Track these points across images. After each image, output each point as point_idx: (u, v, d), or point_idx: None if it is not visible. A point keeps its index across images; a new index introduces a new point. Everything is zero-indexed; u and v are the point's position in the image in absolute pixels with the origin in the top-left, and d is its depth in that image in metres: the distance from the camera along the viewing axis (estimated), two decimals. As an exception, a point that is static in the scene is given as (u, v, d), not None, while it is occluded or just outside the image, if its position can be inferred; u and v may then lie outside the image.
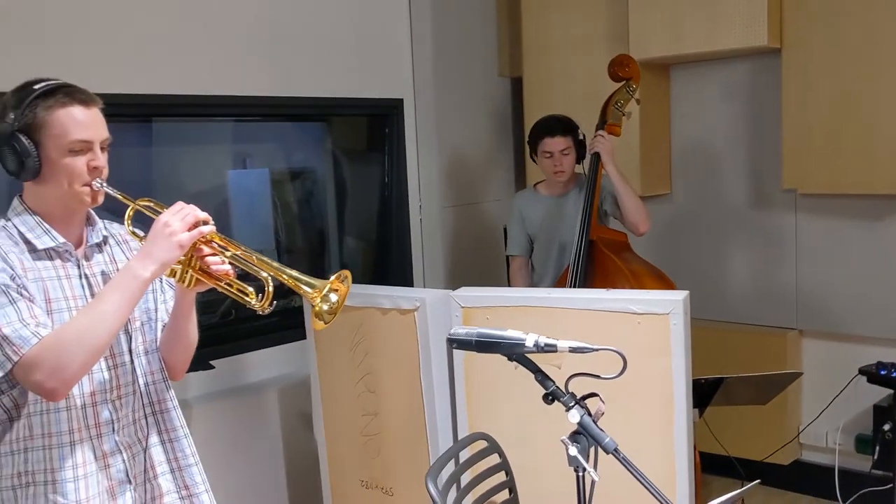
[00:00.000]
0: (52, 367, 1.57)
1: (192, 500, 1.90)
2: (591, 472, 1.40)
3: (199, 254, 1.72)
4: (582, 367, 1.54)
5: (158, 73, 3.00)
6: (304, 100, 3.56)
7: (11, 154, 1.67)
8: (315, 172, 4.09)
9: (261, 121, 3.81)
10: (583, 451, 1.41)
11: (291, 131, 4.06)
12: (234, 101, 3.30)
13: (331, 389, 2.88)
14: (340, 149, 4.09)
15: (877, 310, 3.62)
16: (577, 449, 1.40)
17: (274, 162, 3.99)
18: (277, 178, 4.00)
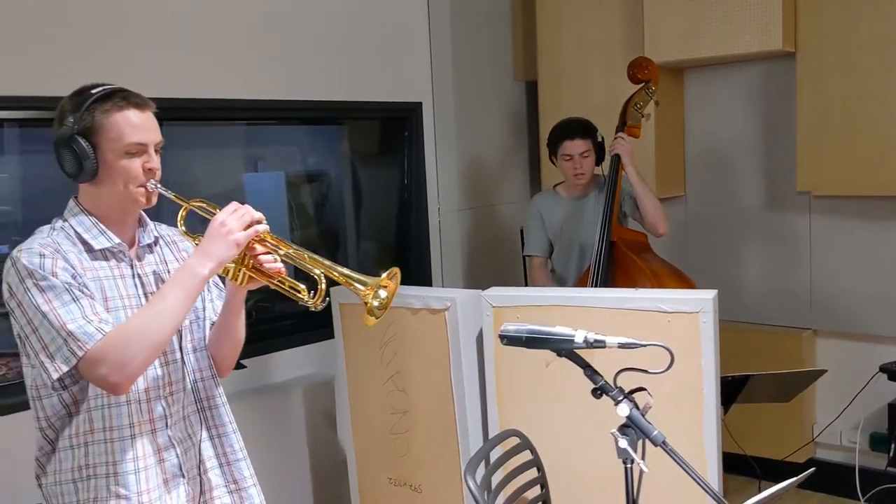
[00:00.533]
0: (116, 362, 1.61)
1: (240, 494, 1.94)
2: (641, 463, 1.45)
3: (252, 252, 1.77)
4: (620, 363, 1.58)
5: (176, 76, 3.04)
6: (326, 103, 3.61)
7: (70, 156, 1.72)
8: (331, 175, 4.14)
9: (278, 124, 3.86)
10: (631, 443, 1.46)
11: (308, 134, 4.11)
12: (255, 105, 3.35)
13: (358, 388, 2.93)
14: (357, 152, 4.14)
15: (891, 309, 3.68)
16: (626, 441, 1.44)
17: (290, 165, 4.04)
18: (293, 180, 4.06)
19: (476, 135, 4.28)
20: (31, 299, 1.64)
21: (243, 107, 3.35)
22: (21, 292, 1.65)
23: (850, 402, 3.54)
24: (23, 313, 1.66)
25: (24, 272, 1.65)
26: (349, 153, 4.14)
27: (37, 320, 1.64)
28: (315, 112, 3.70)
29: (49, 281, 1.64)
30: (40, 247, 1.68)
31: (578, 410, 2.45)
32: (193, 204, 1.82)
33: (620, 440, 1.46)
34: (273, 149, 4.05)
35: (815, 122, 3.63)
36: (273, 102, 3.41)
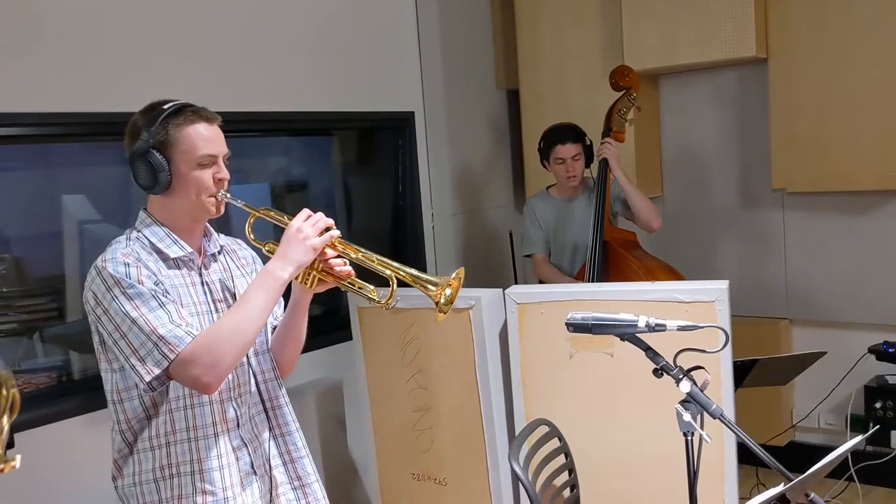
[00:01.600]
0: (208, 363, 1.70)
1: (304, 490, 2.03)
2: (704, 434, 1.60)
3: (323, 256, 1.87)
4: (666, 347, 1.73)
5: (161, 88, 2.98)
6: (323, 114, 3.71)
7: (146, 169, 1.80)
8: (321, 184, 4.23)
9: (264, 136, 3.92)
10: (692, 417, 1.61)
11: (298, 145, 4.19)
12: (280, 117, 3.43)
13: (378, 388, 3.03)
14: (349, 161, 4.24)
15: (861, 298, 3.93)
16: (689, 415, 1.59)
17: (277, 175, 4.11)
18: (279, 191, 4.13)
19: (463, 142, 4.42)
20: (119, 306, 1.72)
21: (238, 119, 3.40)
22: (108, 300, 1.73)
23: (839, 382, 3.75)
24: (110, 320, 1.74)
25: (111, 281, 1.73)
26: (340, 162, 4.23)
27: (125, 326, 1.72)
28: (314, 123, 3.79)
29: (136, 288, 1.72)
30: (123, 256, 1.76)
31: (602, 400, 2.61)
32: (262, 212, 1.92)
33: (684, 414, 1.60)
34: (258, 161, 4.11)
35: (788, 124, 3.86)
36: (271, 114, 3.47)
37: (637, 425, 2.54)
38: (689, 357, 1.67)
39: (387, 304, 1.89)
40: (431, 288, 1.87)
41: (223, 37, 3.26)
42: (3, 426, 0.90)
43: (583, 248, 3.59)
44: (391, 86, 4.00)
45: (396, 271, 1.88)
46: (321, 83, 3.64)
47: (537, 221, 3.72)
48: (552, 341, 2.64)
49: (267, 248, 1.92)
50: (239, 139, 3.76)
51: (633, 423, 2.55)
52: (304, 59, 3.57)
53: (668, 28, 3.98)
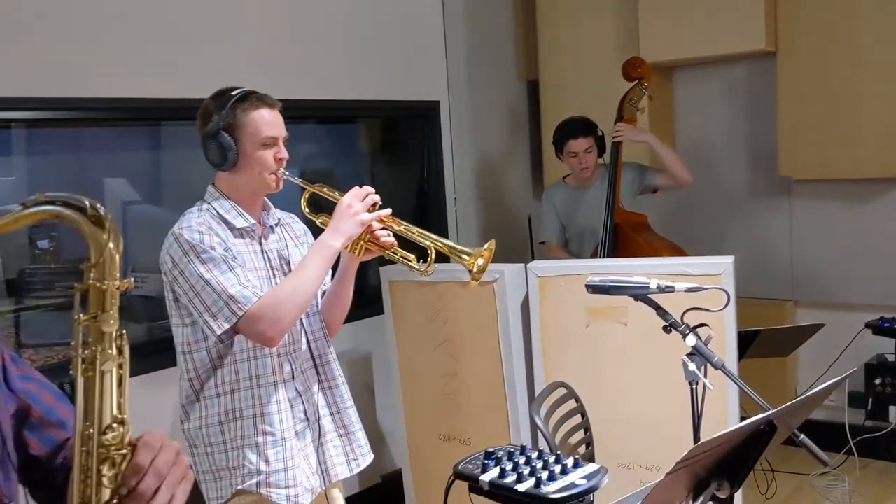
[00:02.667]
0: (272, 319, 1.95)
1: (349, 438, 2.28)
2: (706, 382, 1.83)
3: (370, 229, 2.11)
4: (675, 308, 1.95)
5: (189, 77, 3.12)
6: (356, 102, 3.94)
7: (216, 148, 2.05)
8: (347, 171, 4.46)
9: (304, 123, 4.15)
10: (697, 367, 1.84)
11: (324, 132, 4.42)
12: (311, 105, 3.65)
13: (408, 356, 3.27)
14: (374, 148, 4.47)
15: (863, 281, 4.14)
16: (694, 366, 1.82)
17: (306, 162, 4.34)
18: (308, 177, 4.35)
19: (484, 130, 4.65)
20: (194, 269, 1.96)
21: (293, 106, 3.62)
22: (184, 263, 1.97)
23: (838, 356, 3.95)
24: (185, 280, 1.98)
25: (187, 246, 1.97)
26: (367, 150, 4.47)
27: (199, 286, 1.96)
28: (344, 111, 4.02)
29: (209, 253, 1.97)
30: (197, 225, 2.01)
31: (615, 365, 2.84)
32: (316, 188, 2.16)
33: (689, 365, 1.83)
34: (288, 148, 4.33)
35: (795, 115, 4.07)
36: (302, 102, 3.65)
37: (647, 388, 2.77)
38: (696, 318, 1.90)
39: (426, 272, 2.13)
40: (466, 258, 2.10)
41: (254, 25, 3.42)
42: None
43: (597, 232, 3.81)
44: (418, 76, 4.22)
45: (435, 242, 2.11)
46: (352, 73, 3.86)
47: (554, 210, 3.94)
48: (570, 312, 2.87)
49: (321, 221, 2.16)
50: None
51: (644, 387, 2.78)
52: (336, 50, 3.79)
53: (682, 22, 4.19)
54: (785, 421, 1.49)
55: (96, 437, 1.00)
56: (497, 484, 1.57)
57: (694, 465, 1.42)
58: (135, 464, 1.01)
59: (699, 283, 2.63)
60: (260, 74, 3.38)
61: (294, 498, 2.07)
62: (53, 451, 1.22)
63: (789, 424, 1.57)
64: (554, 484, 1.55)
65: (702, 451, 1.32)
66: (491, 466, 1.65)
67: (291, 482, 2.07)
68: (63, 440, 1.23)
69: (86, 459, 1.01)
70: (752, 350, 2.99)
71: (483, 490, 1.61)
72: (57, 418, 1.22)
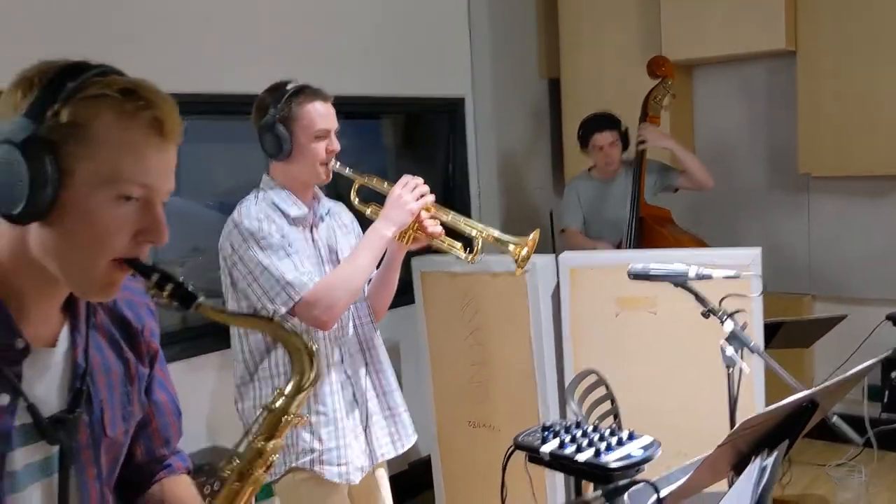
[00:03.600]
0: (326, 305, 2.04)
1: (394, 419, 2.37)
2: (743, 365, 1.92)
3: (419, 218, 2.20)
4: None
5: (223, 72, 3.18)
6: (383, 98, 4.03)
7: (273, 139, 2.14)
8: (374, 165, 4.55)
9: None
10: (735, 351, 1.92)
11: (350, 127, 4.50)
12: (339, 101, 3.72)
13: (438, 345, 3.36)
14: (399, 143, 4.56)
15: (881, 275, 4.23)
16: (732, 350, 1.91)
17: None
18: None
19: (507, 126, 4.73)
20: (253, 255, 2.06)
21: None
22: (244, 250, 2.07)
23: (858, 347, 4.01)
24: (244, 266, 2.08)
25: (247, 233, 2.07)
26: (393, 144, 4.56)
27: (257, 271, 2.06)
28: (372, 107, 4.11)
29: (268, 240, 2.06)
30: (256, 213, 2.10)
31: (645, 354, 2.93)
32: (366, 180, 2.25)
33: (727, 349, 1.92)
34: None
35: (814, 113, 4.14)
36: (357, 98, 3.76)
37: (676, 376, 2.85)
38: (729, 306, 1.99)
39: (472, 260, 2.22)
40: (511, 247, 2.19)
41: (281, 22, 3.47)
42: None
43: (621, 225, 3.90)
44: (443, 73, 4.31)
45: (481, 232, 2.20)
46: (380, 70, 3.94)
47: (577, 199, 4.03)
48: (600, 302, 2.96)
49: (370, 211, 2.25)
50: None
51: (672, 375, 2.87)
52: (364, 48, 3.87)
53: (704, 21, 4.27)
54: (826, 399, 1.58)
55: None
56: (557, 454, 1.66)
57: (739, 440, 1.50)
58: None
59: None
60: (287, 70, 3.45)
61: (346, 475, 2.17)
62: (150, 460, 1.31)
63: (828, 404, 1.66)
64: (612, 454, 1.65)
65: (751, 425, 1.40)
66: (550, 438, 1.74)
67: (343, 460, 2.17)
68: (161, 455, 1.32)
69: None
70: (775, 341, 3.08)
71: (543, 461, 1.70)
72: (167, 435, 1.32)
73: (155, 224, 1.05)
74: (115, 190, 1.01)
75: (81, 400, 1.11)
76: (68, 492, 1.10)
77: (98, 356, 1.16)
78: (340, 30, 3.76)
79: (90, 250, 1.02)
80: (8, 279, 1.04)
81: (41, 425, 1.07)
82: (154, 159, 1.03)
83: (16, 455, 1.05)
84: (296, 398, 1.15)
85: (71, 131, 0.99)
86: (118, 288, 1.08)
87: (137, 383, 1.23)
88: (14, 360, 1.05)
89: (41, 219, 1.00)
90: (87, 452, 1.13)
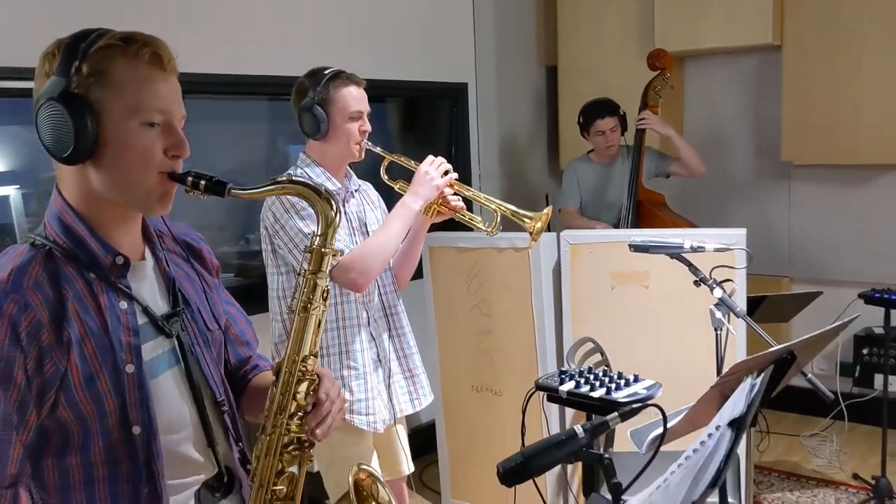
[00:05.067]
0: (361, 269, 2.27)
1: (413, 380, 2.61)
2: (730, 327, 2.17)
3: (443, 193, 2.44)
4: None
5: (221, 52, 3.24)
6: (390, 82, 4.24)
7: (311, 120, 2.36)
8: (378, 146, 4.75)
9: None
10: (723, 315, 2.18)
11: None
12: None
13: (444, 315, 3.60)
14: (404, 126, 4.78)
15: (856, 259, 4.51)
16: (720, 314, 2.16)
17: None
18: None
19: (507, 112, 4.97)
20: (294, 224, 2.28)
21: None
22: (286, 219, 2.29)
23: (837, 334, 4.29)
24: (286, 234, 2.30)
25: (288, 204, 2.29)
26: (397, 127, 4.78)
27: (298, 239, 2.28)
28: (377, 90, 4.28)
29: (308, 211, 2.29)
30: (296, 186, 2.32)
31: (638, 323, 3.19)
32: (395, 157, 2.48)
33: (716, 313, 2.17)
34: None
35: (798, 105, 4.41)
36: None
37: (664, 344, 3.11)
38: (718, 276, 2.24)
39: (492, 232, 2.45)
40: (527, 220, 2.43)
41: (294, 6, 3.62)
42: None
43: (618, 207, 4.15)
44: (448, 59, 4.53)
45: (499, 206, 2.44)
46: (388, 55, 4.13)
47: (576, 181, 4.27)
48: (598, 276, 3.22)
49: (399, 186, 2.48)
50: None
51: (662, 342, 3.13)
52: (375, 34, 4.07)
53: (696, 15, 4.52)
54: (803, 352, 1.83)
55: (298, 363, 1.35)
56: (574, 393, 1.91)
57: (726, 385, 1.76)
58: (320, 391, 1.37)
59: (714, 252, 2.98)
60: (295, 54, 3.52)
61: (373, 424, 2.41)
62: (240, 364, 1.57)
63: (804, 358, 1.91)
64: (621, 392, 1.90)
65: (738, 370, 1.65)
66: (567, 380, 1.99)
67: (371, 410, 2.41)
68: (247, 356, 1.57)
69: (288, 378, 1.35)
70: (757, 315, 3.34)
71: (562, 399, 1.95)
72: (245, 339, 1.58)
73: (178, 141, 1.28)
74: (140, 118, 1.24)
75: (180, 301, 1.38)
76: (193, 374, 1.36)
77: (178, 269, 1.43)
78: (349, 16, 3.95)
79: (137, 170, 1.25)
80: (89, 214, 1.29)
81: (157, 322, 1.33)
82: (163, 87, 1.26)
83: (146, 348, 1.31)
84: (327, 234, 1.38)
85: (94, 79, 1.22)
86: (171, 199, 1.32)
87: (213, 291, 1.50)
88: (121, 274, 1.31)
89: (89, 156, 1.24)
90: (198, 343, 1.39)
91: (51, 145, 1.24)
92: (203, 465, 1.38)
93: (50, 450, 1.24)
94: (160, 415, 1.30)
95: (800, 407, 4.75)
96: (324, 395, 1.38)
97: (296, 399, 1.36)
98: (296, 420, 1.36)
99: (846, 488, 3.89)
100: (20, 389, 1.19)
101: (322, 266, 1.38)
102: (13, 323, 1.18)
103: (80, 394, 1.23)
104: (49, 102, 1.22)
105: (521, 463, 1.26)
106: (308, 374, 1.37)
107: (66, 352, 1.22)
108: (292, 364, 1.36)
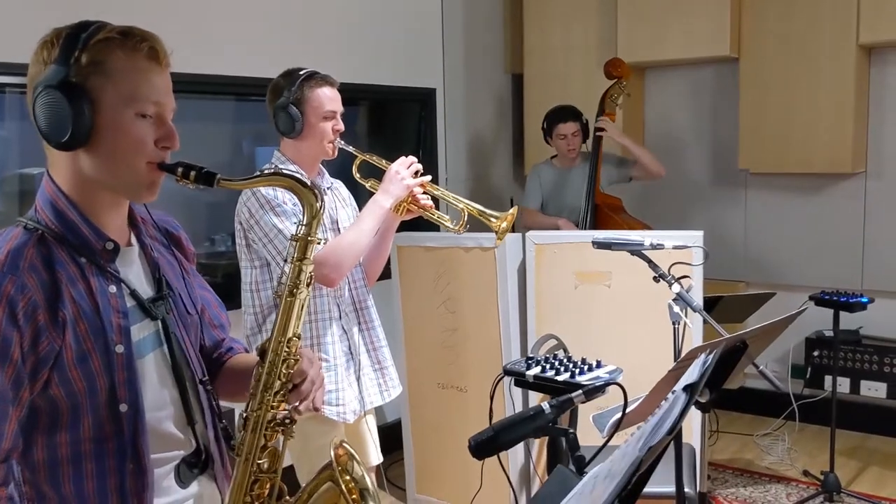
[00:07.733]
0: (334, 265, 2.34)
1: (382, 372, 2.68)
2: (687, 321, 2.28)
3: (413, 192, 2.52)
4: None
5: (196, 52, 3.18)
6: (361, 86, 4.31)
7: (286, 119, 2.43)
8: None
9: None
10: (680, 310, 2.29)
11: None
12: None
13: (412, 313, 3.68)
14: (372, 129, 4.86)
15: (809, 265, 4.69)
16: (678, 308, 2.27)
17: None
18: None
19: (474, 118, 5.08)
20: (269, 219, 2.35)
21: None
22: (260, 214, 2.36)
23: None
24: (260, 229, 2.37)
25: (263, 200, 2.36)
26: (366, 131, 4.85)
27: (272, 234, 2.35)
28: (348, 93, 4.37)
29: (282, 207, 2.35)
30: (271, 182, 2.39)
31: (599, 321, 3.30)
32: (367, 156, 2.56)
33: (674, 307, 2.28)
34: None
35: (754, 115, 4.57)
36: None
37: (625, 340, 3.23)
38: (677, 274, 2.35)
39: (459, 230, 2.54)
40: (493, 220, 2.52)
41: (264, 10, 3.68)
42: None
43: (577, 210, 4.27)
44: (417, 64, 4.62)
45: (467, 206, 2.53)
46: (358, 59, 4.22)
47: (539, 184, 4.39)
48: (561, 275, 3.32)
49: (370, 184, 2.56)
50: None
51: (622, 339, 3.24)
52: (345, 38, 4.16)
53: (657, 27, 4.67)
54: (754, 342, 1.94)
55: (284, 343, 1.42)
56: (540, 377, 2.01)
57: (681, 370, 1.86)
58: (301, 369, 1.45)
59: (672, 252, 3.10)
60: (269, 58, 3.42)
61: (343, 415, 2.48)
62: (214, 346, 1.63)
63: (755, 348, 2.02)
64: (584, 376, 2.00)
65: (693, 356, 1.75)
66: (533, 366, 2.08)
67: (341, 402, 2.48)
68: (221, 339, 1.64)
69: (274, 358, 1.42)
70: (713, 315, 3.44)
71: (528, 383, 2.04)
72: (220, 322, 1.65)
73: (169, 133, 1.34)
74: (135, 108, 1.30)
75: (163, 286, 1.45)
76: (176, 356, 1.43)
77: (160, 255, 1.50)
78: (321, 21, 4.03)
79: (128, 157, 1.31)
80: (80, 199, 1.35)
81: (144, 306, 1.40)
82: (157, 80, 1.33)
83: (133, 330, 1.38)
84: (312, 224, 1.46)
85: (92, 69, 1.28)
86: (158, 187, 1.38)
87: (191, 276, 1.58)
88: (110, 259, 1.37)
89: (85, 143, 1.29)
90: (179, 326, 1.46)
91: (48, 131, 1.30)
92: (183, 442, 1.45)
93: (40, 427, 1.30)
94: (145, 394, 1.36)
95: (754, 408, 4.91)
96: (302, 375, 1.45)
97: (280, 378, 1.43)
98: (279, 397, 1.43)
99: (797, 484, 4.04)
100: (16, 366, 1.24)
101: (307, 254, 1.45)
102: (11, 303, 1.23)
103: (73, 372, 1.28)
104: (48, 90, 1.28)
105: (491, 437, 1.34)
106: (292, 354, 1.44)
107: (62, 332, 1.28)
108: (278, 344, 1.43)
